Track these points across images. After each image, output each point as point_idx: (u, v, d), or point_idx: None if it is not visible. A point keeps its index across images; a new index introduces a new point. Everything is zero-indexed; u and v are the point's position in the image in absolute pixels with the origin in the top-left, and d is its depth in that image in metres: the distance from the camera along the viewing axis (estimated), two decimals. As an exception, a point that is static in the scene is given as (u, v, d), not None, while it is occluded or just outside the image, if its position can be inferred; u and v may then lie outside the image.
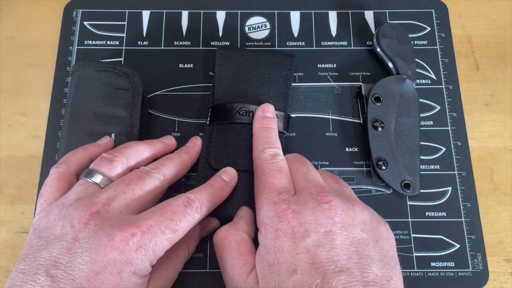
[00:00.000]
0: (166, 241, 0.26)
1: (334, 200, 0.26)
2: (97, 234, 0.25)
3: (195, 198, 0.29)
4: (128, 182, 0.28)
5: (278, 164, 0.30)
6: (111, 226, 0.25)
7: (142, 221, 0.26)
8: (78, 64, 0.37)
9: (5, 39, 0.42)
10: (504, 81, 0.41)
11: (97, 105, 0.35)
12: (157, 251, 0.26)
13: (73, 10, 0.43)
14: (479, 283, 0.35)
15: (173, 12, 0.43)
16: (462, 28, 0.43)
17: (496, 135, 0.40)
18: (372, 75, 0.41)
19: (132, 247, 0.25)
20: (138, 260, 0.25)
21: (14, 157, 0.39)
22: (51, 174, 0.30)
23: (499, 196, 0.38)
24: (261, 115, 0.34)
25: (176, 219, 0.27)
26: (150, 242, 0.25)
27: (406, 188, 0.36)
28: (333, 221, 0.26)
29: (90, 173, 0.29)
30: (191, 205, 0.28)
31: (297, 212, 0.26)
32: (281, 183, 0.29)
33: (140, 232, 0.25)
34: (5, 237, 0.36)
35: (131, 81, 0.36)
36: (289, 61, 0.38)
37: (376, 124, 0.37)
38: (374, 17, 0.43)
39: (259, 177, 0.30)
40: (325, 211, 0.26)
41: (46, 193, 0.29)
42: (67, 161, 0.31)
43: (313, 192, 0.27)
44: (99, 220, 0.25)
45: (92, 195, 0.27)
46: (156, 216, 0.26)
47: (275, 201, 0.27)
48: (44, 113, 0.39)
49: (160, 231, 0.26)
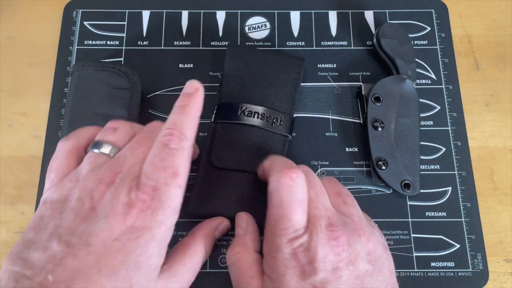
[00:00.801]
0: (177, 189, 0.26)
1: (342, 235, 0.26)
2: (112, 203, 0.25)
3: (171, 130, 0.27)
4: (137, 146, 0.28)
5: (299, 193, 0.28)
6: (125, 193, 0.25)
7: (147, 184, 0.25)
8: (78, 64, 0.37)
9: (5, 39, 0.42)
10: (504, 81, 0.41)
11: (97, 104, 0.35)
12: (172, 204, 0.26)
13: (73, 10, 0.43)
14: (479, 283, 0.35)
15: (173, 12, 0.43)
16: (462, 28, 0.43)
17: (496, 135, 0.40)
18: (372, 75, 0.41)
19: (146, 213, 0.25)
20: (158, 224, 0.25)
21: (14, 157, 0.39)
22: (60, 149, 0.29)
23: (499, 196, 0.38)
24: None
25: (167, 164, 0.26)
26: (162, 202, 0.25)
27: (406, 188, 0.36)
28: (340, 258, 0.26)
29: (97, 144, 0.28)
30: (172, 140, 0.26)
31: (308, 249, 0.26)
32: (298, 219, 0.27)
33: (149, 197, 0.25)
34: (5, 237, 0.36)
35: (130, 80, 0.36)
36: (299, 64, 0.38)
37: (376, 124, 0.37)
38: (374, 17, 0.43)
39: (276, 205, 0.28)
40: (333, 248, 0.26)
41: (57, 167, 0.28)
42: (77, 135, 0.30)
43: (322, 225, 0.27)
44: (114, 189, 0.25)
45: (105, 166, 0.27)
46: (150, 173, 0.26)
47: (289, 238, 0.27)
48: (44, 113, 0.39)
49: (163, 184, 0.25)
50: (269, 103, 0.36)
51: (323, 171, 0.38)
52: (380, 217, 0.36)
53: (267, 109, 0.36)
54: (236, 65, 0.38)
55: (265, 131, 0.36)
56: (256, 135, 0.35)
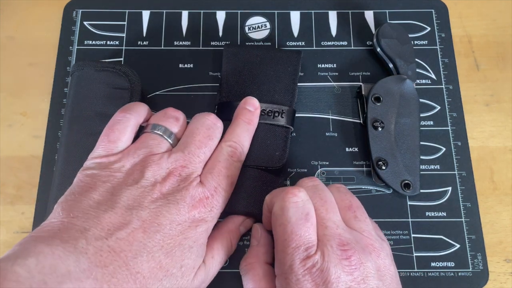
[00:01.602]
0: (227, 198, 0.31)
1: (354, 254, 0.27)
2: (181, 193, 0.28)
3: (236, 144, 0.32)
4: (199, 144, 0.30)
5: (305, 208, 0.28)
6: (193, 188, 0.29)
7: (211, 184, 0.30)
8: (78, 64, 0.37)
9: (5, 39, 0.42)
10: (504, 81, 0.41)
11: (97, 104, 0.35)
12: (220, 208, 0.30)
13: (73, 10, 0.43)
14: (479, 283, 0.35)
15: (173, 12, 0.43)
16: (462, 28, 0.43)
17: (496, 135, 0.40)
18: (372, 75, 0.41)
19: (207, 208, 0.29)
20: (212, 219, 0.29)
21: (14, 157, 0.39)
22: (122, 121, 0.30)
23: (499, 196, 0.38)
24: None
25: (230, 173, 0.31)
26: (218, 202, 0.30)
27: (406, 188, 0.36)
28: (352, 277, 0.26)
29: (162, 130, 0.31)
30: (235, 153, 0.32)
31: (321, 270, 0.26)
32: (308, 236, 0.27)
33: (210, 196, 0.29)
34: (5, 237, 0.36)
35: (130, 80, 0.36)
36: (296, 57, 0.38)
37: (376, 124, 0.37)
38: (374, 17, 0.43)
39: (284, 223, 0.28)
40: (345, 267, 0.26)
41: (117, 139, 0.30)
42: (138, 111, 0.32)
43: (333, 244, 0.27)
44: (182, 182, 0.29)
45: (173, 156, 0.29)
46: (215, 176, 0.30)
47: (301, 258, 0.27)
48: (44, 113, 0.39)
49: (223, 190, 0.30)
50: (268, 97, 0.36)
51: (323, 171, 0.38)
52: (380, 217, 0.36)
53: (267, 104, 0.36)
54: (233, 64, 0.38)
55: (266, 125, 0.36)
56: (259, 130, 0.35)
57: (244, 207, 0.34)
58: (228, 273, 0.35)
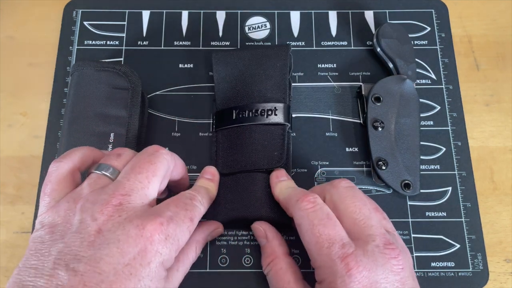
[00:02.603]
0: (187, 230, 0.27)
1: (399, 252, 0.26)
2: (124, 226, 0.24)
3: (195, 193, 0.30)
4: (139, 170, 0.27)
5: (323, 210, 0.28)
6: (138, 217, 0.25)
7: (164, 212, 0.26)
8: (78, 64, 0.37)
9: (5, 39, 0.42)
10: (504, 81, 0.41)
11: (97, 105, 0.35)
12: (180, 241, 0.26)
13: (73, 10, 0.43)
14: (479, 283, 0.35)
15: (173, 12, 0.43)
16: (462, 28, 0.43)
17: (496, 135, 0.40)
18: (372, 75, 0.41)
19: (161, 237, 0.25)
20: (167, 250, 0.25)
21: (14, 157, 0.39)
22: (54, 170, 0.28)
23: (499, 196, 0.38)
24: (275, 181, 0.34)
25: (190, 209, 0.28)
26: (175, 232, 0.26)
27: (406, 188, 0.36)
28: (399, 277, 0.26)
29: (100, 167, 0.28)
30: (194, 198, 0.29)
31: (368, 269, 0.25)
32: (337, 233, 0.27)
33: (166, 222, 0.25)
34: (5, 237, 0.36)
35: (130, 80, 0.36)
36: (284, 50, 0.38)
37: (376, 124, 0.37)
38: (374, 17, 0.43)
39: (310, 230, 0.27)
40: (393, 267, 0.26)
41: (52, 191, 0.27)
42: (72, 156, 0.29)
43: (379, 244, 0.26)
44: (123, 212, 0.25)
45: (107, 188, 0.26)
46: (172, 206, 0.27)
47: (340, 256, 0.25)
48: (44, 113, 0.39)
49: (180, 220, 0.26)
50: (260, 97, 0.36)
51: (323, 171, 0.38)
52: (380, 217, 0.36)
53: (259, 104, 0.36)
54: (223, 70, 0.38)
55: (262, 126, 0.36)
56: (255, 132, 0.35)
57: (252, 212, 0.34)
58: (228, 273, 0.35)
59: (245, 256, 0.35)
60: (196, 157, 0.38)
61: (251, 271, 0.35)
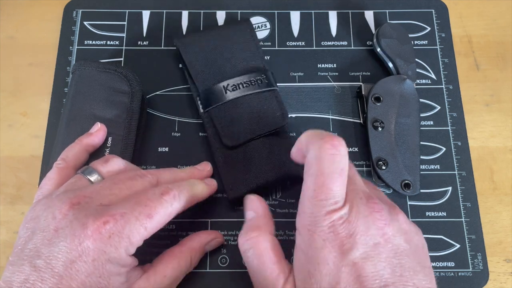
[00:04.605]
0: (141, 228, 0.26)
1: (383, 209, 0.26)
2: (72, 224, 0.25)
3: (172, 187, 0.29)
4: (117, 181, 0.28)
5: (342, 162, 0.26)
6: (85, 216, 0.25)
7: (116, 209, 0.26)
8: (79, 64, 0.37)
9: (5, 39, 0.42)
10: (504, 81, 0.41)
11: (96, 107, 0.35)
12: (132, 238, 0.26)
13: (73, 10, 0.43)
14: (479, 283, 0.35)
15: (173, 12, 0.43)
16: (462, 28, 0.43)
17: (496, 135, 0.40)
18: (372, 75, 0.41)
19: (104, 235, 0.25)
20: (112, 248, 0.25)
21: (14, 157, 0.39)
22: (52, 169, 0.31)
23: (499, 196, 0.38)
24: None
25: (151, 205, 0.27)
26: (124, 229, 0.25)
27: (406, 188, 0.36)
28: (382, 232, 0.25)
29: (86, 170, 0.30)
30: (168, 193, 0.28)
31: (349, 221, 0.25)
32: (339, 191, 0.25)
33: (112, 220, 0.25)
34: (5, 237, 0.36)
35: (131, 84, 0.36)
36: (246, 24, 0.40)
37: (376, 124, 0.37)
38: (374, 17, 0.43)
39: (317, 174, 0.26)
40: (376, 221, 0.25)
41: (45, 186, 0.30)
42: (65, 157, 0.32)
43: (363, 197, 0.26)
44: (76, 211, 0.26)
45: (78, 189, 0.27)
46: (130, 204, 0.26)
47: (329, 210, 0.25)
48: (44, 113, 0.39)
49: (134, 217, 0.26)
50: (245, 68, 0.37)
51: (323, 171, 0.38)
52: (380, 217, 0.36)
53: (245, 75, 0.37)
54: (193, 52, 0.38)
55: (255, 95, 0.36)
56: (250, 102, 0.36)
57: (275, 174, 0.34)
58: (228, 273, 0.35)
59: (245, 256, 0.35)
60: (196, 157, 0.37)
61: (251, 271, 0.35)
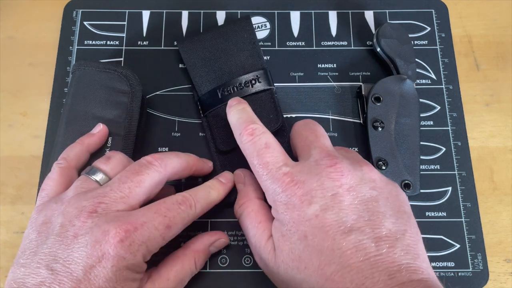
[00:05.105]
0: (160, 237, 0.27)
1: (340, 162, 0.27)
2: (93, 231, 0.26)
3: (189, 196, 0.30)
4: (125, 179, 0.28)
5: (261, 140, 0.29)
6: (106, 223, 0.26)
7: (136, 218, 0.27)
8: (79, 63, 0.37)
9: (5, 39, 0.42)
10: (504, 81, 0.41)
11: (96, 107, 0.35)
12: (150, 246, 0.27)
13: (73, 10, 0.43)
14: (479, 283, 0.35)
15: (173, 12, 0.43)
16: (462, 28, 0.43)
17: (496, 135, 0.40)
18: (372, 75, 0.41)
19: (125, 243, 0.25)
20: (131, 255, 0.26)
21: (14, 157, 0.39)
22: (53, 169, 0.31)
23: (499, 196, 0.38)
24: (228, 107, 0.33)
25: (170, 215, 0.28)
26: (143, 238, 0.26)
27: (406, 188, 0.36)
28: (339, 183, 0.26)
29: (90, 170, 0.30)
30: (185, 203, 0.29)
31: (302, 182, 0.26)
32: (275, 158, 0.28)
33: (133, 229, 0.26)
34: (5, 237, 0.36)
35: (131, 84, 0.36)
36: (246, 21, 0.40)
37: (376, 124, 0.37)
38: (374, 17, 0.43)
39: (251, 161, 0.29)
40: (330, 174, 0.26)
41: (48, 186, 0.30)
42: (66, 156, 0.32)
43: (318, 158, 0.27)
44: (96, 218, 0.26)
45: (89, 193, 0.28)
46: (150, 213, 0.27)
47: (277, 177, 0.27)
48: (44, 113, 0.39)
49: (153, 227, 0.27)
50: (240, 70, 0.37)
51: (323, 171, 0.38)
52: (380, 217, 0.36)
53: (241, 77, 0.37)
54: (193, 56, 0.38)
55: (250, 96, 0.37)
56: None
57: None
58: (228, 273, 0.35)
59: (245, 256, 0.35)
60: (196, 157, 0.37)
61: (251, 271, 0.35)
